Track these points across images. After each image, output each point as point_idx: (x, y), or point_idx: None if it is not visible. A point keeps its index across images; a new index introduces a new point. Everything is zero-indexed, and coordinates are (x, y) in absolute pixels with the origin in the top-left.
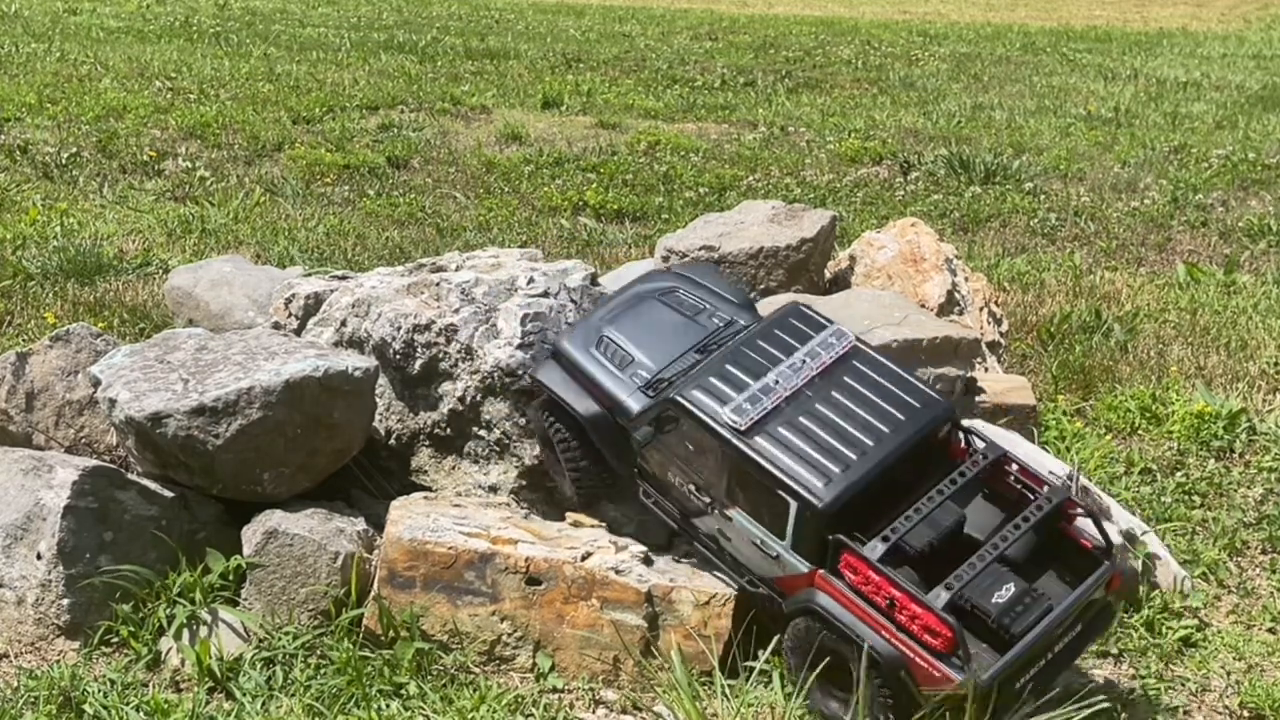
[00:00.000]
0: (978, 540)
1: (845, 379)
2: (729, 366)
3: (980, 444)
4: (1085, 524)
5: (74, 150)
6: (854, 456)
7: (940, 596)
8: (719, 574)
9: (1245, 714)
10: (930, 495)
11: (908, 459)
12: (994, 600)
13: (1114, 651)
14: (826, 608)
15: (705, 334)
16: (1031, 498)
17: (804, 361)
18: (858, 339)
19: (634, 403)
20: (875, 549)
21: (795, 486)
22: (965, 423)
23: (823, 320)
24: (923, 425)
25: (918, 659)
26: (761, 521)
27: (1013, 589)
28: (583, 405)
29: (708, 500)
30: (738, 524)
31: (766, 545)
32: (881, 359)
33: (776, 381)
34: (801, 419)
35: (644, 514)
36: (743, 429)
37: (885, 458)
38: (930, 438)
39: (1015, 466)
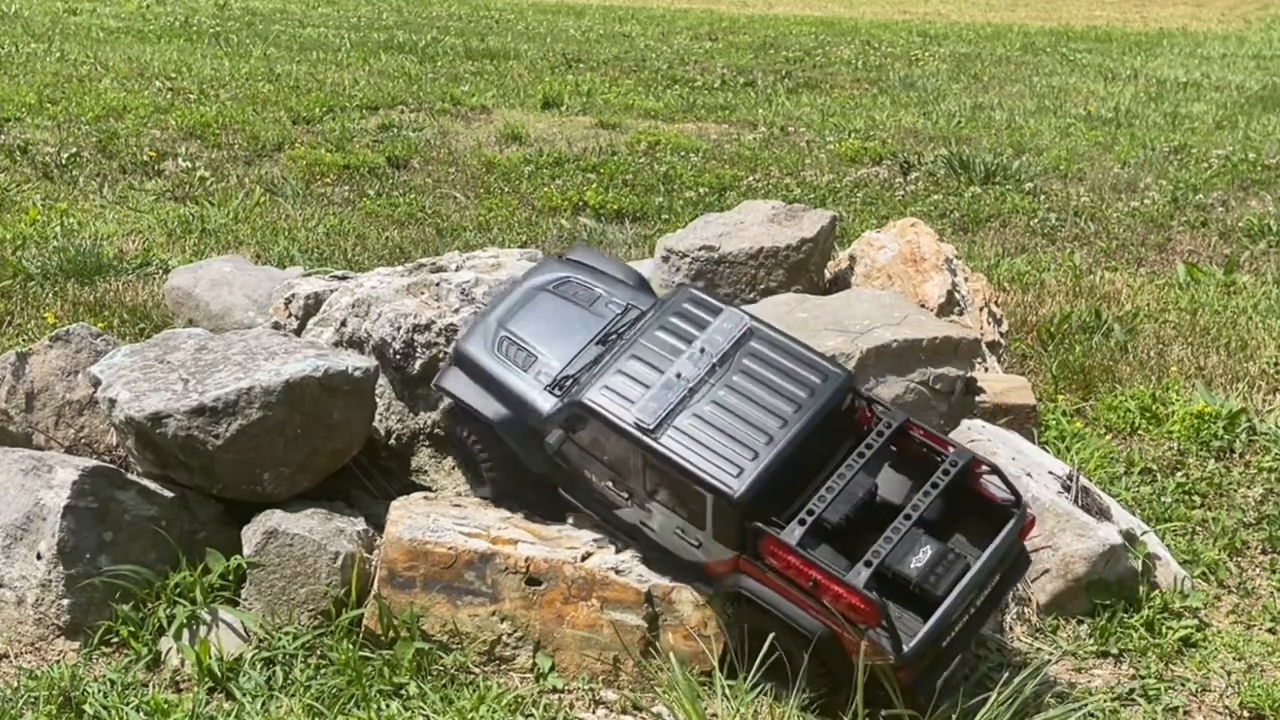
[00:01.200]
0: (890, 503)
1: (745, 362)
2: (631, 362)
3: (882, 411)
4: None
5: (74, 150)
6: (762, 443)
7: (861, 574)
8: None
9: (1245, 714)
10: (841, 471)
11: (815, 434)
12: (913, 565)
13: (1114, 651)
14: (754, 590)
15: (604, 323)
16: (937, 460)
17: (703, 350)
18: (751, 317)
19: (543, 403)
20: (794, 533)
21: (709, 480)
22: (965, 422)
23: (717, 304)
24: (826, 401)
25: (846, 633)
26: (681, 514)
27: (929, 551)
28: (490, 409)
29: (626, 495)
30: (658, 517)
31: (688, 535)
32: (777, 335)
33: (679, 375)
34: (707, 409)
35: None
36: (651, 428)
37: (793, 439)
38: (834, 411)
39: (919, 431)
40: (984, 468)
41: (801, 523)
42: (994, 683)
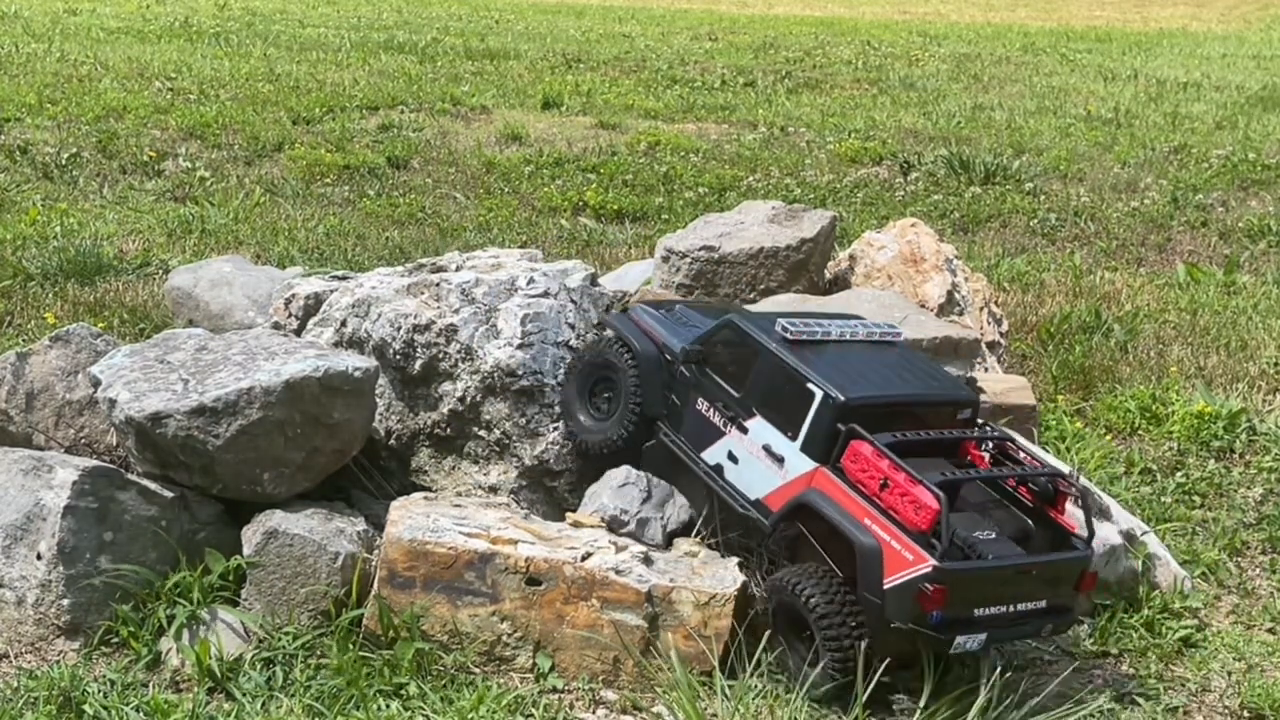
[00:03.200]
0: (968, 500)
1: (888, 349)
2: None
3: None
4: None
5: (74, 150)
6: (880, 383)
7: (933, 476)
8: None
9: (1245, 714)
10: (932, 434)
11: (924, 419)
12: (975, 535)
13: (1114, 651)
14: (815, 503)
15: None
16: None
17: (856, 329)
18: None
19: (678, 344)
20: (883, 439)
21: (823, 382)
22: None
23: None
24: (950, 393)
25: (894, 542)
26: (778, 425)
27: (994, 535)
28: (641, 345)
29: (730, 416)
30: (751, 436)
31: (776, 450)
32: (923, 356)
33: (828, 328)
34: (844, 355)
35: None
36: (790, 339)
37: (909, 396)
38: (953, 409)
39: (1023, 453)
40: (1073, 492)
41: (893, 437)
42: (994, 682)
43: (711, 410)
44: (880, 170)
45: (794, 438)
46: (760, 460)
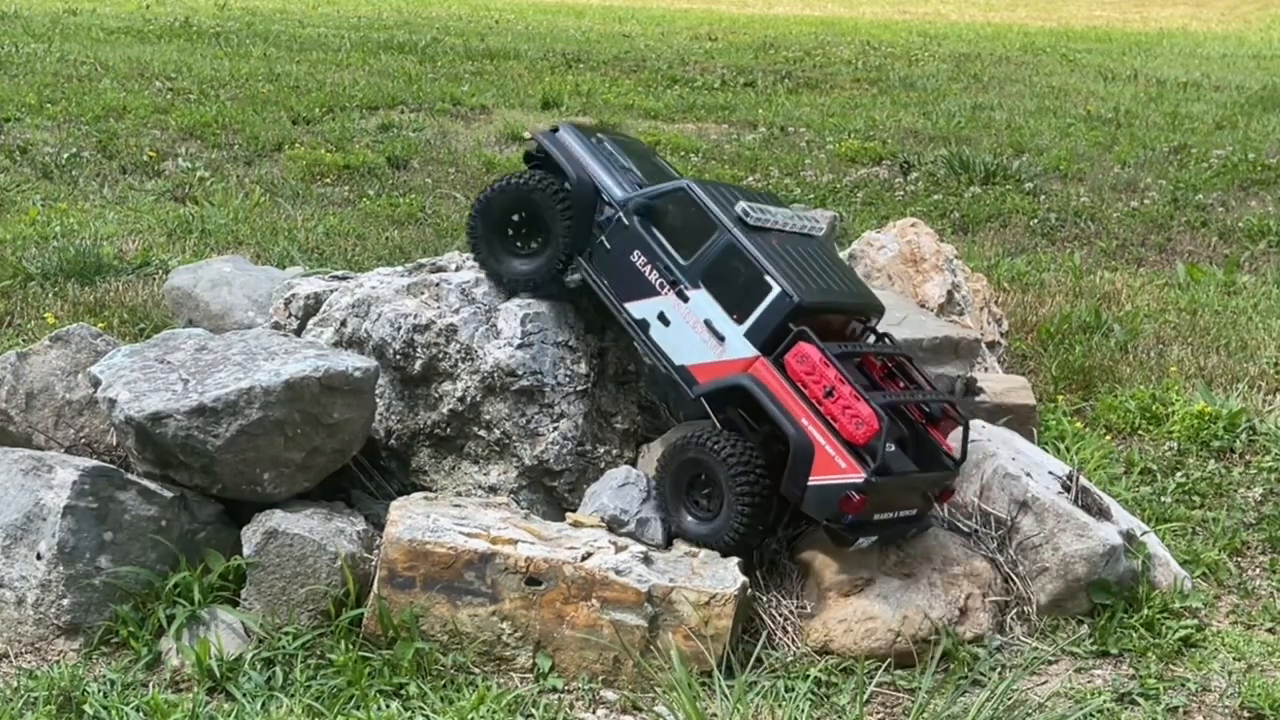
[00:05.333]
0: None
1: (812, 244)
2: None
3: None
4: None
5: (74, 150)
6: (825, 288)
7: (878, 397)
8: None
9: (1245, 714)
10: (856, 347)
11: (845, 322)
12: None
13: (1114, 651)
14: (751, 389)
15: None
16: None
17: (792, 219)
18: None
19: (619, 191)
20: (831, 348)
21: (780, 279)
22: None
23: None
24: (866, 300)
25: (828, 447)
26: (724, 304)
27: (893, 448)
28: (575, 173)
29: (670, 281)
30: (692, 306)
31: (717, 328)
32: (833, 251)
33: (776, 216)
34: (786, 246)
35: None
36: (750, 224)
37: (844, 303)
38: (865, 314)
39: (917, 371)
40: (959, 419)
41: (842, 348)
42: (993, 682)
43: (650, 268)
44: (880, 170)
45: (740, 321)
46: (697, 332)
